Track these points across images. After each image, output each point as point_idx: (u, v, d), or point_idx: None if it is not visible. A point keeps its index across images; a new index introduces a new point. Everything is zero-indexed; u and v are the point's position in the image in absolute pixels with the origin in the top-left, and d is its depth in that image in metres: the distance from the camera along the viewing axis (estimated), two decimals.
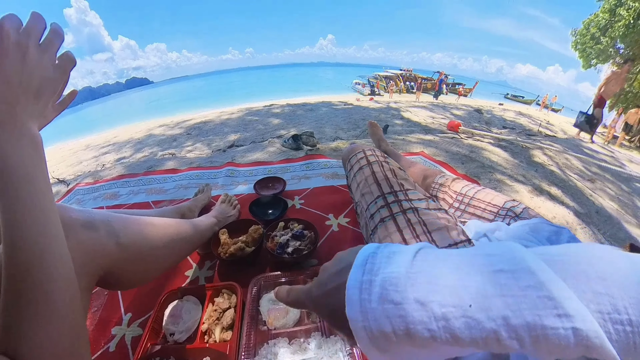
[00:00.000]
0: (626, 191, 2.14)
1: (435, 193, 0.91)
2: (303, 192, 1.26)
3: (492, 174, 1.60)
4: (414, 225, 0.55)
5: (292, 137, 1.75)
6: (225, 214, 1.02)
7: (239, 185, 1.37)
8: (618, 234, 1.36)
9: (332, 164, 1.49)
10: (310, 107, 3.99)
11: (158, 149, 2.77)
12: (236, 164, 1.61)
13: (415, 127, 2.93)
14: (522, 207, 0.68)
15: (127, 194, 1.40)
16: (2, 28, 0.33)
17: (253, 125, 3.09)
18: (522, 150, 2.29)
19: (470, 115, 4.30)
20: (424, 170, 1.05)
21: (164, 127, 3.90)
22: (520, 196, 1.41)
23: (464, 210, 0.77)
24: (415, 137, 2.17)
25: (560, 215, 1.31)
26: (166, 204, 1.27)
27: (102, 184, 1.56)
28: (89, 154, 3.17)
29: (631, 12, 6.81)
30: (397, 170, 0.69)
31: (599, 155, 3.47)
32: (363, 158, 0.72)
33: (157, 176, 1.57)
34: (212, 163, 1.71)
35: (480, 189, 0.78)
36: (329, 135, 2.61)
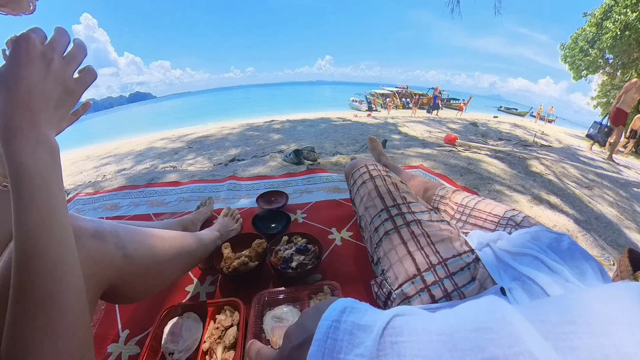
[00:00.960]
0: (624, 197, 2.14)
1: (436, 205, 0.91)
2: (305, 206, 1.24)
3: (491, 185, 1.61)
4: (418, 237, 0.55)
5: (294, 152, 1.75)
6: (227, 228, 1.00)
7: (241, 199, 1.35)
8: (618, 240, 1.36)
9: (334, 178, 1.48)
10: (310, 123, 4.04)
11: (159, 161, 2.76)
12: (238, 178, 1.60)
13: (413, 142, 2.96)
14: (522, 216, 0.67)
15: (128, 205, 1.38)
16: (29, 38, 0.34)
17: (254, 140, 3.10)
18: (519, 161, 2.31)
19: (467, 128, 4.36)
20: (425, 183, 1.05)
21: (165, 140, 3.91)
22: (520, 206, 1.42)
23: (465, 221, 0.77)
24: (413, 151, 2.19)
25: (561, 224, 1.31)
26: (167, 217, 1.24)
27: (102, 195, 1.54)
28: (89, 164, 3.14)
29: (617, 24, 7.07)
30: (399, 183, 0.70)
31: (596, 163, 3.47)
32: (365, 172, 0.73)
33: (159, 188, 1.55)
34: (214, 176, 1.70)
35: (481, 199, 0.78)
36: (329, 150, 2.62)
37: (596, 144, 4.46)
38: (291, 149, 2.65)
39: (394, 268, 0.55)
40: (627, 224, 1.58)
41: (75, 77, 0.40)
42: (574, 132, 12.72)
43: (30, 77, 0.33)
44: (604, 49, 7.81)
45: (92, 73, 0.42)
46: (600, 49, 7.86)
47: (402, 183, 0.71)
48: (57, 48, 0.36)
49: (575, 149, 4.48)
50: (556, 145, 4.35)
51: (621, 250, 1.27)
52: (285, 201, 1.22)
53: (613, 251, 1.23)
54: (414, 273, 0.52)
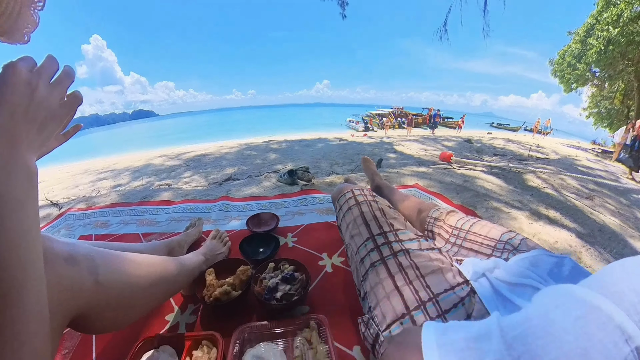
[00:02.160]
0: (625, 204, 2.09)
1: (430, 228, 0.86)
2: (297, 228, 1.19)
3: (487, 202, 1.56)
4: (406, 270, 0.51)
5: (288, 172, 1.72)
6: (214, 252, 0.95)
7: (232, 221, 1.30)
8: (624, 251, 1.30)
9: (327, 199, 1.44)
10: (307, 142, 4.06)
11: (155, 178, 2.73)
12: (231, 198, 1.55)
13: (409, 160, 2.95)
14: (519, 239, 0.63)
15: (117, 223, 1.34)
16: (15, 67, 0.36)
17: (251, 160, 3.09)
18: (515, 176, 2.27)
19: (461, 145, 4.37)
20: (419, 204, 1.01)
21: (164, 157, 3.91)
22: (518, 223, 1.36)
23: (460, 245, 0.72)
24: (408, 170, 2.15)
25: (563, 239, 1.25)
26: (156, 237, 1.20)
27: (94, 211, 1.51)
28: (86, 178, 3.12)
29: (600, 40, 7.45)
30: (387, 209, 0.66)
31: (595, 172, 3.43)
32: (351, 198, 0.69)
33: (151, 207, 1.51)
34: (207, 196, 1.66)
35: (476, 221, 0.74)
36: (324, 169, 2.60)
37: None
38: (287, 168, 2.63)
39: (381, 306, 0.49)
40: (630, 233, 1.53)
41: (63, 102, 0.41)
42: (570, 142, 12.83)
43: (13, 102, 0.34)
44: (590, 64, 8.14)
45: (78, 98, 0.43)
46: (587, 63, 8.18)
47: (390, 208, 0.67)
48: (44, 75, 0.38)
49: (572, 159, 4.44)
50: (553, 157, 4.35)
51: None
52: (276, 224, 1.17)
53: None
54: (402, 312, 0.47)
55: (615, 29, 7.18)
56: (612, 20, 7.24)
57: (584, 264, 1.11)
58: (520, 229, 1.29)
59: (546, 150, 5.20)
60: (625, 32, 7.08)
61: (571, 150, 6.66)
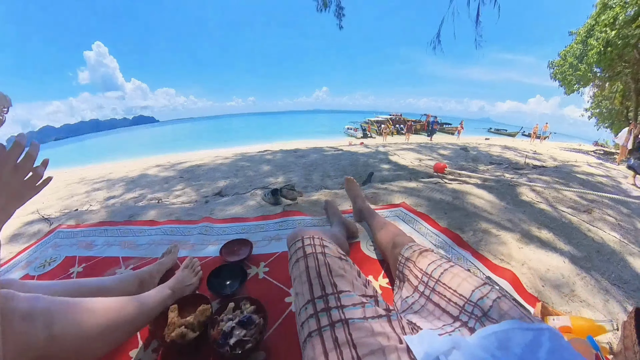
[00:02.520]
0: (626, 214, 1.99)
1: (401, 269, 0.82)
2: (270, 257, 1.15)
3: (476, 224, 1.48)
4: (342, 348, 0.44)
5: (272, 192, 1.70)
6: (184, 283, 0.93)
7: (209, 246, 1.28)
8: (623, 274, 1.22)
9: (306, 222, 1.40)
10: (302, 153, 4.03)
11: (148, 190, 2.74)
12: (212, 220, 1.53)
13: (402, 171, 2.89)
14: (492, 300, 0.57)
15: (101, 244, 1.36)
16: None
17: (244, 172, 3.08)
18: (508, 189, 2.19)
19: (457, 154, 4.29)
20: (395, 236, 0.97)
21: (159, 167, 3.92)
22: (507, 248, 1.27)
23: (428, 297, 0.67)
24: (398, 186, 2.09)
25: (555, 267, 1.16)
26: (135, 262, 1.20)
27: (82, 229, 1.55)
28: (81, 188, 3.14)
29: (600, 41, 7.47)
30: (334, 262, 0.60)
31: (595, 179, 3.30)
32: (300, 249, 0.64)
33: (135, 227, 1.53)
34: (190, 216, 1.65)
35: (448, 267, 0.69)
36: (315, 183, 2.57)
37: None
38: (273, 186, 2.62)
39: None
40: (630, 250, 1.45)
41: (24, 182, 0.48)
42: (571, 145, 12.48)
43: None
44: (591, 64, 8.13)
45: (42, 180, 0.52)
46: (588, 63, 8.16)
47: (341, 259, 0.62)
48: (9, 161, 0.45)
49: (571, 165, 4.30)
50: (550, 164, 4.24)
51: (626, 287, 1.14)
52: (249, 252, 1.13)
53: (618, 292, 1.10)
54: None
55: (612, 31, 7.23)
56: (609, 23, 7.31)
57: (579, 297, 1.03)
58: (509, 255, 1.21)
59: (543, 157, 5.08)
60: (621, 34, 7.13)
61: (571, 155, 6.53)
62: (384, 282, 0.98)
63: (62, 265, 1.21)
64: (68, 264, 1.21)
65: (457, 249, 1.20)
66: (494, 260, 1.16)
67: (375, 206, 1.67)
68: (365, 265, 1.07)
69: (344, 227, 1.19)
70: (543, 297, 1.00)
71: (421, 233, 1.31)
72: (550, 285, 1.07)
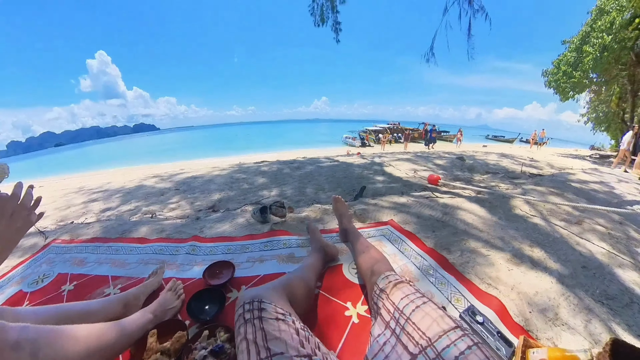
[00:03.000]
0: (617, 221, 1.95)
1: (376, 300, 0.81)
2: (252, 280, 1.14)
3: (465, 242, 1.44)
4: None
5: (260, 210, 1.69)
6: (166, 307, 0.95)
7: (195, 266, 1.27)
8: (609, 290, 1.17)
9: (292, 243, 1.39)
10: (298, 164, 4.03)
11: (144, 202, 2.76)
12: (200, 239, 1.53)
13: (396, 183, 2.88)
14: (460, 349, 0.54)
15: (93, 262, 1.40)
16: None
17: (239, 184, 3.08)
18: (502, 202, 2.15)
19: (453, 163, 4.26)
20: (374, 262, 0.96)
21: (156, 178, 3.94)
22: (495, 271, 1.22)
23: (398, 336, 0.65)
24: (388, 201, 2.07)
25: (542, 290, 1.13)
26: (123, 282, 1.22)
27: (75, 245, 1.60)
28: (79, 198, 3.18)
29: (596, 47, 7.62)
30: (270, 325, 0.61)
31: (589, 186, 3.29)
32: (241, 315, 0.65)
33: (126, 245, 1.56)
34: (180, 234, 1.65)
35: (421, 304, 0.67)
36: (309, 196, 2.57)
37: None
38: (272, 195, 2.62)
39: None
40: (619, 261, 1.41)
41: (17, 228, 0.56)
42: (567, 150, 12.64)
43: None
44: (587, 70, 8.23)
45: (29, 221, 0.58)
46: (584, 70, 8.26)
47: (278, 320, 0.63)
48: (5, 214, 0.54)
49: (567, 172, 4.27)
50: (547, 172, 4.22)
51: (612, 302, 1.09)
52: (231, 275, 1.12)
53: (602, 310, 1.05)
54: None
55: (609, 36, 7.35)
56: (606, 28, 7.44)
57: (561, 320, 0.99)
58: (497, 279, 1.17)
59: (540, 164, 5.04)
60: (618, 38, 7.26)
61: (567, 161, 6.52)
62: (363, 309, 0.96)
63: (55, 283, 1.24)
64: (60, 282, 1.24)
65: (441, 272, 1.17)
66: (481, 286, 1.12)
67: (363, 224, 1.65)
68: (345, 290, 1.05)
69: (322, 253, 1.18)
70: (529, 325, 0.96)
71: (405, 254, 1.29)
72: (537, 310, 1.03)
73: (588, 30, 8.15)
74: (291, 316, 0.67)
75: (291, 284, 0.86)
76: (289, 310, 0.70)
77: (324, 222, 1.70)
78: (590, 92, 11.34)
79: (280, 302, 0.71)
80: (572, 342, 0.90)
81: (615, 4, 7.38)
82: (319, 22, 5.24)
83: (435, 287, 1.09)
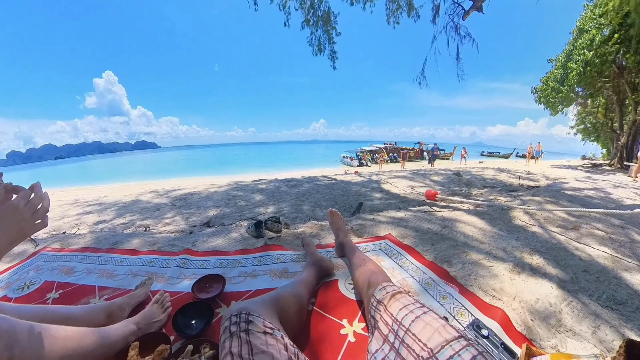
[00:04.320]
0: (618, 225, 1.89)
1: (372, 313, 0.75)
2: (244, 295, 1.07)
3: (465, 255, 1.38)
4: None
5: (255, 224, 1.64)
6: (151, 319, 0.90)
7: (184, 280, 1.21)
8: (617, 295, 1.10)
9: (286, 258, 1.33)
10: (295, 182, 4.00)
11: (139, 217, 2.70)
12: (192, 252, 1.47)
13: (394, 200, 2.85)
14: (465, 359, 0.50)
15: (81, 271, 1.37)
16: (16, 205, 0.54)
17: (235, 201, 3.03)
18: (501, 214, 2.11)
19: (450, 179, 4.24)
20: (370, 275, 0.90)
21: (153, 193, 3.90)
22: (499, 282, 1.17)
23: (397, 350, 0.60)
24: (385, 216, 2.02)
25: (543, 296, 1.08)
26: (109, 293, 1.18)
27: (65, 254, 1.58)
28: (74, 210, 3.12)
29: (579, 63, 8.08)
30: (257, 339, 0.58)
31: (583, 192, 3.28)
32: (227, 328, 0.61)
33: (116, 256, 1.52)
34: (172, 247, 1.59)
35: (420, 314, 0.62)
36: (305, 213, 2.52)
37: None
38: (269, 212, 2.56)
39: None
40: (625, 265, 1.34)
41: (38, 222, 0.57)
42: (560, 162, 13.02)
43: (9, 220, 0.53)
44: (572, 85, 8.65)
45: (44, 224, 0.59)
46: (570, 85, 8.67)
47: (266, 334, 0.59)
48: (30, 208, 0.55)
49: (561, 182, 4.32)
50: (543, 183, 4.24)
51: (621, 309, 1.02)
52: (221, 289, 1.06)
53: (612, 315, 0.98)
54: None
55: (590, 52, 7.81)
56: (587, 45, 7.92)
57: (565, 327, 0.93)
58: (501, 290, 1.12)
59: (537, 176, 5.06)
60: (598, 53, 7.68)
61: (561, 172, 6.58)
62: (360, 327, 0.88)
63: (40, 290, 1.21)
64: (46, 289, 1.21)
65: (442, 286, 1.10)
66: (485, 298, 1.06)
67: (360, 239, 1.59)
68: (341, 306, 0.98)
69: (316, 267, 1.12)
70: (532, 333, 0.91)
71: (404, 268, 1.22)
72: (539, 318, 0.98)
73: (571, 48, 8.63)
74: (280, 331, 0.62)
75: (282, 299, 0.80)
76: (278, 326, 0.65)
77: (320, 238, 1.64)
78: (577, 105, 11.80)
79: (270, 317, 0.66)
80: (579, 348, 0.85)
81: (594, 23, 7.87)
82: (317, 52, 5.69)
83: (437, 302, 1.02)
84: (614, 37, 7.37)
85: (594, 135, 12.90)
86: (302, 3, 5.27)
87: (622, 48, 7.38)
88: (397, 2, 5.36)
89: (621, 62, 8.04)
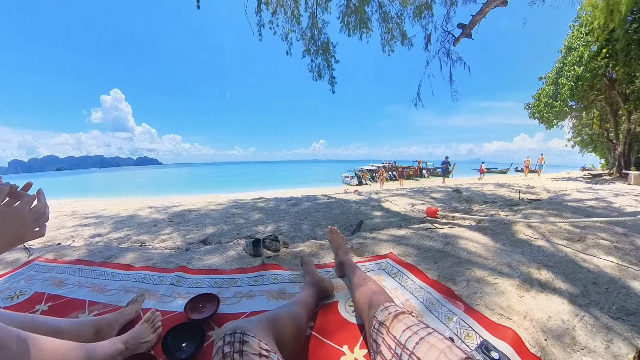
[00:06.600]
0: (622, 234, 1.85)
1: (374, 336, 0.70)
2: (238, 317, 1.00)
3: (470, 272, 1.33)
4: None
5: (253, 243, 1.58)
6: (140, 340, 0.85)
7: (177, 299, 1.15)
8: (627, 305, 1.06)
9: (284, 278, 1.27)
10: (295, 201, 3.95)
11: (135, 232, 2.64)
12: (187, 270, 1.41)
13: (394, 218, 2.79)
14: None
15: (73, 284, 1.33)
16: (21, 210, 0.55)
17: (234, 219, 2.98)
18: (503, 229, 2.06)
19: (450, 196, 4.20)
20: (372, 295, 0.85)
21: (151, 209, 3.84)
22: (506, 299, 1.11)
23: None
24: (386, 234, 1.97)
25: (555, 313, 1.03)
26: (100, 308, 1.14)
27: (58, 265, 1.55)
28: (71, 222, 3.07)
29: (570, 78, 8.33)
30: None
31: (586, 204, 3.23)
32: (220, 349, 0.58)
33: (109, 270, 1.48)
34: (167, 263, 1.53)
35: (425, 335, 0.57)
36: (305, 232, 2.47)
37: None
38: (267, 231, 2.51)
39: None
40: (632, 272, 1.31)
41: None
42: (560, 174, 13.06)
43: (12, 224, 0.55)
44: (565, 99, 8.84)
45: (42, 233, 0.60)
46: (563, 99, 8.86)
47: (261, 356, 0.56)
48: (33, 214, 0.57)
49: (563, 194, 4.27)
50: (544, 196, 4.20)
51: (631, 319, 0.99)
52: (215, 310, 1.00)
53: (623, 327, 0.94)
54: None
55: (580, 68, 8.09)
56: (576, 61, 8.21)
57: (580, 345, 0.88)
58: (509, 308, 1.06)
59: (537, 190, 5.02)
60: (589, 68, 7.94)
61: (562, 184, 6.55)
62: (361, 354, 0.82)
63: (30, 301, 1.19)
64: (35, 300, 1.19)
65: (448, 306, 1.04)
66: (492, 317, 1.00)
67: (361, 258, 1.54)
68: (342, 331, 0.92)
69: (315, 288, 1.07)
70: (547, 355, 0.84)
71: (407, 288, 1.17)
72: (552, 337, 0.93)
73: (560, 65, 8.89)
74: (277, 355, 0.58)
75: (279, 320, 0.75)
76: (274, 349, 0.61)
77: (319, 257, 1.59)
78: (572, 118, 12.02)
79: (266, 338, 0.62)
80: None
81: (581, 41, 8.18)
82: (317, 77, 6.00)
83: (442, 323, 0.96)
84: (602, 52, 7.65)
85: (591, 146, 13.13)
86: (303, 35, 5.60)
87: (610, 62, 7.65)
88: (391, 33, 5.63)
89: (611, 75, 8.32)
